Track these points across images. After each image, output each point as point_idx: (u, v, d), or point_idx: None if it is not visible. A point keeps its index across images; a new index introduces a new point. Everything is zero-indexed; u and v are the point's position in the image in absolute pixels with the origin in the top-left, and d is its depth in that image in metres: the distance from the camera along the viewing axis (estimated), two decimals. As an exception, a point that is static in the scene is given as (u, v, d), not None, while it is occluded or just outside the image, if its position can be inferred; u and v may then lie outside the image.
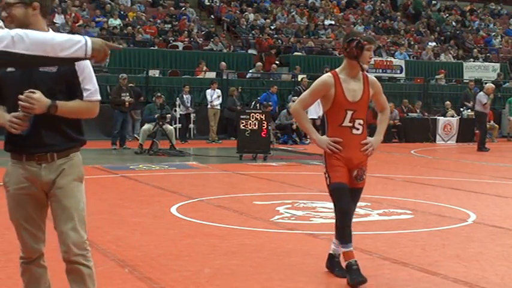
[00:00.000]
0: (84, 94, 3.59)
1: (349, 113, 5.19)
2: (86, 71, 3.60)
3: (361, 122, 5.25)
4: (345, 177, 5.19)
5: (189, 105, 20.85)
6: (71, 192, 3.61)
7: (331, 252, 5.49)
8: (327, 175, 5.25)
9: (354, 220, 7.87)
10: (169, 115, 17.21)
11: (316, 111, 21.88)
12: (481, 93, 19.07)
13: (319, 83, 5.28)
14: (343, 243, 5.24)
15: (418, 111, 22.98)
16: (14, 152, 3.58)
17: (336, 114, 5.22)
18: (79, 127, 3.68)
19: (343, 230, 5.24)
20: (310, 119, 21.66)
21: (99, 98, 3.68)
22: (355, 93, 5.22)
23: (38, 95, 3.39)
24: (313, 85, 5.36)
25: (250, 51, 26.70)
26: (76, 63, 3.47)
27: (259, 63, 24.70)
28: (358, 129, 5.24)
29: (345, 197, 5.20)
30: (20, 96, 3.36)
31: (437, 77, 26.92)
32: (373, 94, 5.34)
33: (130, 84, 19.10)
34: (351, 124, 5.21)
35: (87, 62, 3.54)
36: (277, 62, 25.66)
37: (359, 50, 5.15)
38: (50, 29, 3.57)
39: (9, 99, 3.48)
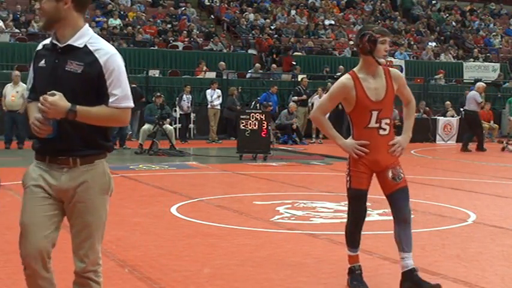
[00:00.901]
0: (110, 99, 3.32)
1: (375, 113, 4.89)
2: (115, 74, 3.33)
3: (388, 121, 4.97)
4: (365, 183, 5.00)
5: (188, 105, 20.85)
6: (93, 209, 3.47)
7: (406, 269, 5.01)
8: (348, 178, 5.03)
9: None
10: (169, 119, 17.21)
11: None
12: (475, 92, 18.94)
13: (337, 87, 4.96)
14: (351, 247, 5.12)
15: (421, 111, 22.97)
16: (39, 152, 3.44)
17: (361, 116, 4.91)
18: (105, 132, 3.50)
19: (353, 235, 5.09)
20: None
21: (129, 104, 3.39)
22: (378, 92, 4.89)
23: (54, 98, 3.21)
24: (331, 89, 5.07)
25: (250, 51, 26.71)
26: (103, 64, 3.31)
27: (257, 64, 24.73)
28: (385, 129, 4.96)
29: (359, 205, 5.03)
30: (40, 98, 3.24)
31: (436, 77, 26.94)
32: (397, 88, 5.00)
33: (133, 85, 19.13)
34: (377, 125, 4.92)
35: (117, 62, 3.35)
36: (294, 63, 25.69)
37: (372, 44, 4.81)
38: (87, 24, 3.44)
39: (41, 95, 3.37)
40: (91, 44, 3.38)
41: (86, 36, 3.40)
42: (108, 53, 3.36)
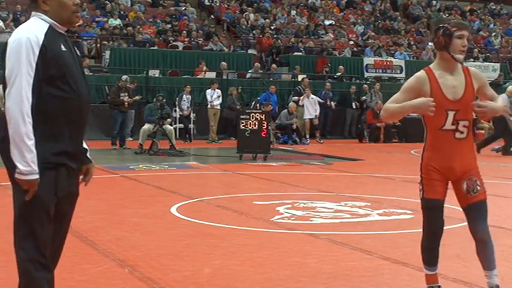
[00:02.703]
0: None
1: (451, 113, 4.39)
2: None
3: (466, 123, 4.43)
4: (440, 192, 4.55)
5: (188, 105, 20.86)
6: None
7: None
8: (420, 187, 4.58)
9: (353, 220, 7.95)
10: (169, 119, 17.22)
11: (314, 109, 21.94)
12: (506, 96, 18.62)
13: (411, 79, 4.58)
14: (428, 265, 4.67)
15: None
16: None
17: (435, 115, 4.38)
18: None
19: (430, 252, 4.64)
20: (307, 119, 21.75)
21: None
22: (456, 90, 4.41)
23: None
24: (405, 83, 4.67)
25: (250, 51, 26.71)
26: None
27: (257, 64, 24.73)
28: (462, 132, 4.43)
29: (435, 217, 4.58)
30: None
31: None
32: (478, 88, 4.50)
33: (134, 85, 19.14)
34: (453, 127, 4.41)
35: None
36: (329, 64, 25.74)
37: (447, 39, 4.36)
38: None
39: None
40: None
41: None
42: None
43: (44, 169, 3.36)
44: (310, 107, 21.89)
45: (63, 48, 3.45)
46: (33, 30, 3.41)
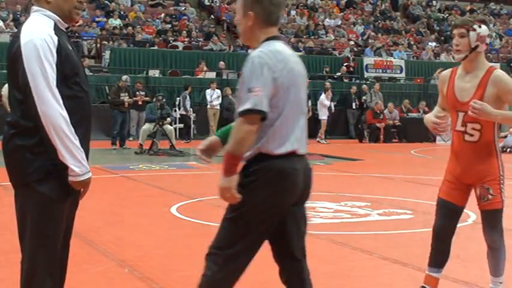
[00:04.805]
0: None
1: (460, 114, 4.37)
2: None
3: (477, 126, 4.32)
4: (450, 193, 4.49)
5: (188, 106, 20.90)
6: None
7: None
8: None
9: (353, 220, 7.95)
10: (170, 119, 17.22)
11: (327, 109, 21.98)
12: None
13: (439, 79, 4.63)
14: (428, 264, 4.65)
15: (421, 111, 22.97)
16: None
17: (451, 115, 4.47)
18: None
19: (431, 251, 4.65)
20: (324, 119, 21.74)
21: None
22: (466, 92, 4.35)
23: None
24: None
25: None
26: None
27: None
28: (472, 135, 4.35)
29: (439, 216, 4.55)
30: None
31: (434, 76, 26.96)
32: (496, 94, 4.28)
33: (142, 85, 19.18)
34: (462, 128, 4.37)
35: None
36: (351, 65, 25.85)
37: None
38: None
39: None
40: None
41: None
42: None
43: (58, 170, 3.28)
44: (325, 108, 21.96)
45: (69, 46, 3.37)
46: (44, 29, 3.28)
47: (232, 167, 3.30)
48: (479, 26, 4.37)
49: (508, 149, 18.30)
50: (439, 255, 4.61)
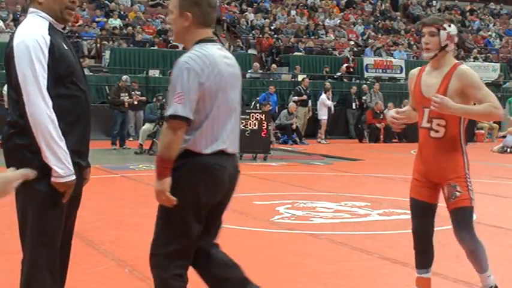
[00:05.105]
0: None
1: (426, 110, 4.35)
2: None
3: (443, 122, 4.29)
4: (420, 191, 4.44)
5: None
6: None
7: None
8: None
9: (353, 220, 7.95)
10: None
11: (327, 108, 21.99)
12: None
13: (409, 78, 4.70)
14: (416, 267, 4.58)
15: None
16: None
17: (418, 113, 4.46)
18: None
19: (415, 253, 4.56)
20: (323, 119, 21.76)
21: None
22: (431, 87, 4.35)
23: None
24: None
25: (250, 51, 26.71)
26: None
27: (256, 64, 24.74)
28: (437, 131, 4.32)
29: (413, 216, 4.49)
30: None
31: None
32: (460, 89, 4.27)
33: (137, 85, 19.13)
34: (428, 125, 4.35)
35: None
36: (351, 65, 25.88)
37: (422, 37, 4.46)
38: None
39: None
40: None
41: None
42: None
43: None
44: (326, 107, 21.98)
45: (65, 46, 3.40)
46: (37, 30, 3.32)
47: (164, 170, 3.39)
48: (449, 26, 4.39)
49: (508, 149, 18.30)
50: (423, 256, 4.55)
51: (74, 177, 3.33)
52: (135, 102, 18.41)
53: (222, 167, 3.48)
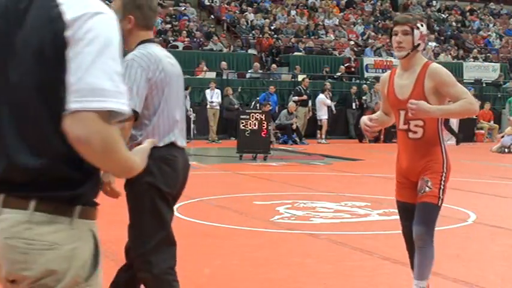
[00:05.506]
0: None
1: (402, 113, 4.32)
2: None
3: (420, 123, 4.27)
4: (403, 193, 4.42)
5: (188, 106, 20.91)
6: None
7: None
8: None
9: (353, 220, 7.95)
10: None
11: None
12: None
13: (380, 82, 4.66)
14: (411, 268, 4.50)
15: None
16: None
17: (394, 115, 4.46)
18: None
19: (408, 256, 4.50)
20: (319, 119, 21.77)
21: None
22: (405, 89, 4.32)
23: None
24: None
25: (250, 51, 26.71)
26: None
27: (256, 64, 24.75)
28: (415, 132, 4.30)
29: (400, 218, 4.48)
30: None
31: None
32: (434, 87, 4.25)
33: None
34: (405, 126, 4.32)
35: None
36: (352, 65, 25.97)
37: (390, 36, 4.43)
38: None
39: None
40: None
41: None
42: None
43: None
44: (325, 107, 22.00)
45: None
46: None
47: None
48: (421, 25, 4.40)
49: (506, 150, 18.31)
50: (413, 260, 4.47)
51: None
52: None
53: (175, 157, 3.62)
